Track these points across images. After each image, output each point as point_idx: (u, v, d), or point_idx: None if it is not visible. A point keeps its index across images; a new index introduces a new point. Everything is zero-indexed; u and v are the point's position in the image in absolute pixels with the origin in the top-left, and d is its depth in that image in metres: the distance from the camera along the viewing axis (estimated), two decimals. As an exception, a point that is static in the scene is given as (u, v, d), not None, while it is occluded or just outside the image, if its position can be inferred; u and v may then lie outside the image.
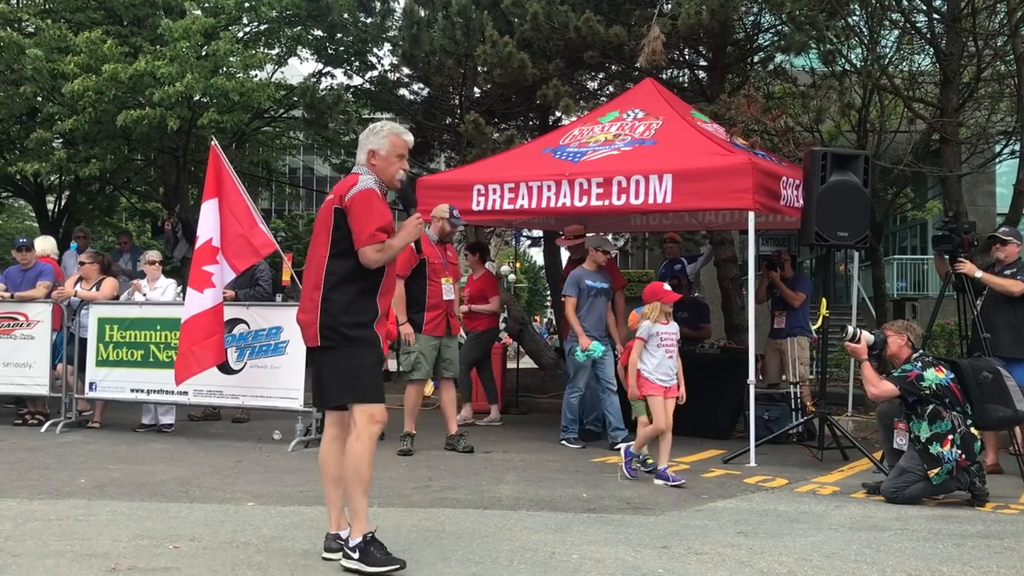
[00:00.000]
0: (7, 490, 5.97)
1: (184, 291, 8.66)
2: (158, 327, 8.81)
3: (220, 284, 8.21)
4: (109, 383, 8.94)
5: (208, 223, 8.22)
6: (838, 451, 7.93)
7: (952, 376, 6.27)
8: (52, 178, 16.05)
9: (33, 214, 20.42)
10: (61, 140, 14.55)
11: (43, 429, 8.82)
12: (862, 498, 6.36)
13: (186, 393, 8.50)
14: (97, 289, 9.36)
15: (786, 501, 6.21)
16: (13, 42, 12.77)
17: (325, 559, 4.35)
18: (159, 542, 4.67)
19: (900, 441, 6.38)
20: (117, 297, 9.41)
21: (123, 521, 5.15)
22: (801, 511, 5.89)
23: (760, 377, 9.05)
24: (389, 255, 4.35)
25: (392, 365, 15.45)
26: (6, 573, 4.10)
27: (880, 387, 6.25)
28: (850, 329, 6.61)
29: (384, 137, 4.47)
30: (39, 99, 13.68)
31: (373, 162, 4.45)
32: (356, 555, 4.17)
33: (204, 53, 12.74)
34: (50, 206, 18.30)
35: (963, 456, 6.07)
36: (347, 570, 4.19)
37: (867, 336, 6.52)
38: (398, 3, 13.69)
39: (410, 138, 4.55)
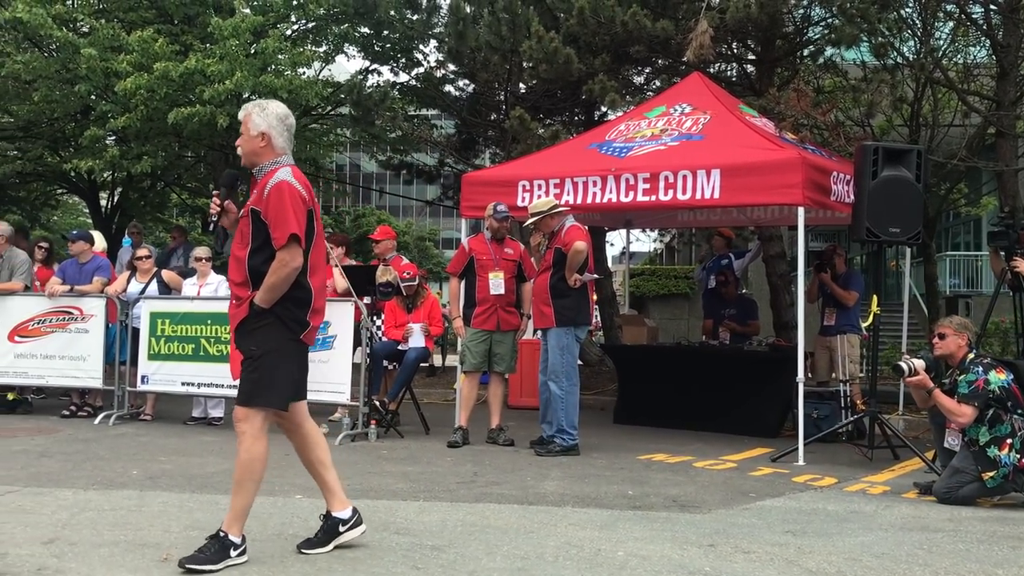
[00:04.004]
0: (63, 480, 6.10)
1: None
2: (208, 321, 8.93)
3: None
4: (161, 376, 9.09)
5: None
6: (888, 450, 7.80)
7: (1012, 377, 6.11)
8: (105, 175, 16.37)
9: (87, 210, 20.86)
10: (114, 137, 14.84)
11: (96, 421, 9.00)
12: (913, 498, 6.25)
13: (235, 387, 8.58)
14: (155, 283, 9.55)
15: (835, 500, 6.12)
16: (69, 42, 13.06)
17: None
18: (209, 533, 4.73)
19: (952, 441, 6.24)
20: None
21: (174, 512, 5.24)
22: (851, 510, 5.80)
23: (809, 375, 8.93)
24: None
25: (437, 360, 15.54)
26: (63, 561, 4.19)
27: (965, 415, 5.97)
28: (903, 365, 6.22)
29: None
30: (93, 97, 13.96)
31: None
32: None
33: (253, 51, 12.89)
34: (103, 202, 18.70)
35: (1022, 460, 5.93)
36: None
37: (919, 363, 6.21)
38: (444, 0, 13.76)
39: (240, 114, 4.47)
